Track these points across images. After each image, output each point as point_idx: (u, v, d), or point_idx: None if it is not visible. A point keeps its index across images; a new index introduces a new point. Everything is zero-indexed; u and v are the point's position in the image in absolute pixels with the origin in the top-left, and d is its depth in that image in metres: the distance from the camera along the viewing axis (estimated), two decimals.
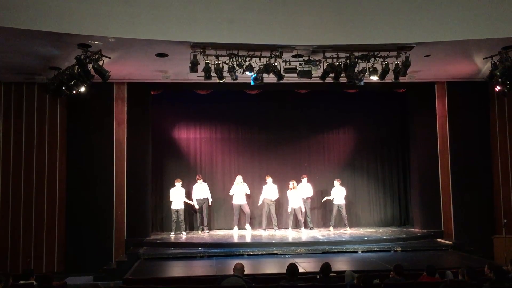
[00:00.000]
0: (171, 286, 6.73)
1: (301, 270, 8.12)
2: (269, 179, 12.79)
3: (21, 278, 6.95)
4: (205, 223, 12.71)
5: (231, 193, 12.73)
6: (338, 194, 12.82)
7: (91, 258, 11.00)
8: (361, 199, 13.94)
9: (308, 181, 12.95)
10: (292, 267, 6.36)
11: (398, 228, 13.39)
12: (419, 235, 12.01)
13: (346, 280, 6.88)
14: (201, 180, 12.70)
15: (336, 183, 12.87)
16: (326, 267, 6.59)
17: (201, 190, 12.66)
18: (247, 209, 12.79)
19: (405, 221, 13.93)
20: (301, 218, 12.65)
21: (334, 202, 12.82)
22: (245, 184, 12.78)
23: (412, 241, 11.54)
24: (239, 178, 12.75)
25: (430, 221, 12.43)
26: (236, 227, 12.76)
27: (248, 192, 12.81)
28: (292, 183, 12.56)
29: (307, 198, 12.82)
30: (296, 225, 12.83)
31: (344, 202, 12.82)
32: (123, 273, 8.89)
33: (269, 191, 12.72)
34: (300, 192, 12.67)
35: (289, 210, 12.67)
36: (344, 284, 6.59)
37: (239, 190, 12.69)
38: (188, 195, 12.69)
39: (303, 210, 12.70)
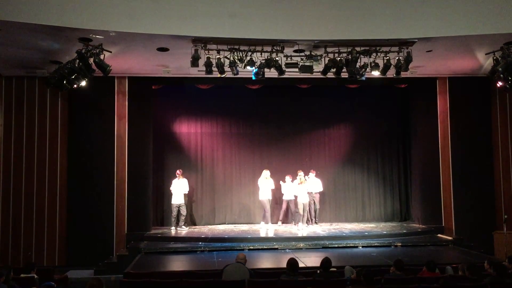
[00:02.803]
0: (171, 280, 6.75)
1: (301, 264, 8.13)
2: (312, 174, 12.76)
3: (22, 272, 6.98)
4: (183, 221, 12.45)
5: (259, 185, 12.61)
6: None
7: (92, 252, 11.04)
8: (361, 194, 13.96)
9: (317, 176, 12.91)
10: (292, 262, 6.38)
11: (399, 223, 13.42)
12: (420, 231, 12.02)
13: (346, 275, 6.91)
14: (181, 176, 12.47)
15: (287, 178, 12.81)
16: (326, 262, 6.60)
17: (180, 186, 12.42)
18: (267, 206, 12.53)
19: (406, 217, 13.94)
20: (303, 214, 12.57)
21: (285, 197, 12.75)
22: (271, 180, 12.57)
23: (412, 236, 11.55)
24: (266, 173, 12.54)
25: (430, 216, 12.44)
26: (263, 223, 12.61)
27: (273, 187, 12.64)
28: (300, 177, 12.50)
29: (315, 193, 12.76)
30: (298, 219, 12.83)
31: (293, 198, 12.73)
32: (124, 267, 8.91)
33: (313, 184, 12.67)
34: (308, 187, 12.62)
35: (299, 205, 12.59)
36: (344, 279, 6.62)
37: (266, 185, 12.49)
38: (191, 189, 12.75)
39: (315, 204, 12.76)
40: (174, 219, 12.28)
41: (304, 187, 12.50)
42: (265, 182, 12.53)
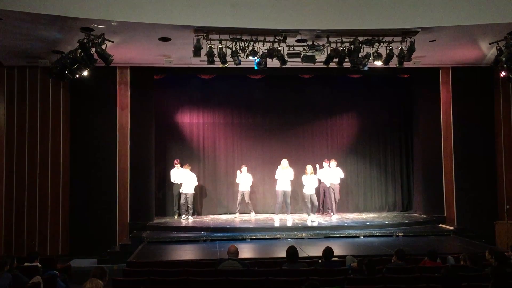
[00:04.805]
0: (174, 269, 6.79)
1: (303, 254, 8.17)
2: (333, 163, 12.63)
3: (26, 261, 7.03)
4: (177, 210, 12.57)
5: (276, 177, 12.46)
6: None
7: (95, 241, 11.08)
8: (363, 184, 13.96)
9: (337, 166, 12.77)
10: (292, 250, 6.39)
11: (400, 214, 13.45)
12: (421, 221, 12.03)
13: (347, 264, 6.95)
14: (179, 165, 12.50)
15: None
16: (328, 251, 6.63)
17: (179, 176, 12.44)
18: (287, 199, 12.38)
19: (408, 207, 13.96)
20: (309, 206, 12.43)
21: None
22: (291, 169, 12.37)
23: (414, 226, 11.57)
24: (284, 162, 12.32)
25: (432, 206, 12.45)
26: (275, 214, 12.52)
27: (292, 178, 12.43)
28: (310, 168, 12.38)
29: (332, 184, 12.63)
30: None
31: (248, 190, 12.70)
32: (127, 256, 8.96)
33: (329, 174, 12.54)
34: (316, 178, 12.50)
35: (305, 196, 12.47)
36: (345, 268, 6.65)
37: (284, 175, 12.27)
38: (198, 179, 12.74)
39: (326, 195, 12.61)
40: (190, 208, 12.34)
41: (310, 178, 12.37)
42: (282, 172, 12.33)
